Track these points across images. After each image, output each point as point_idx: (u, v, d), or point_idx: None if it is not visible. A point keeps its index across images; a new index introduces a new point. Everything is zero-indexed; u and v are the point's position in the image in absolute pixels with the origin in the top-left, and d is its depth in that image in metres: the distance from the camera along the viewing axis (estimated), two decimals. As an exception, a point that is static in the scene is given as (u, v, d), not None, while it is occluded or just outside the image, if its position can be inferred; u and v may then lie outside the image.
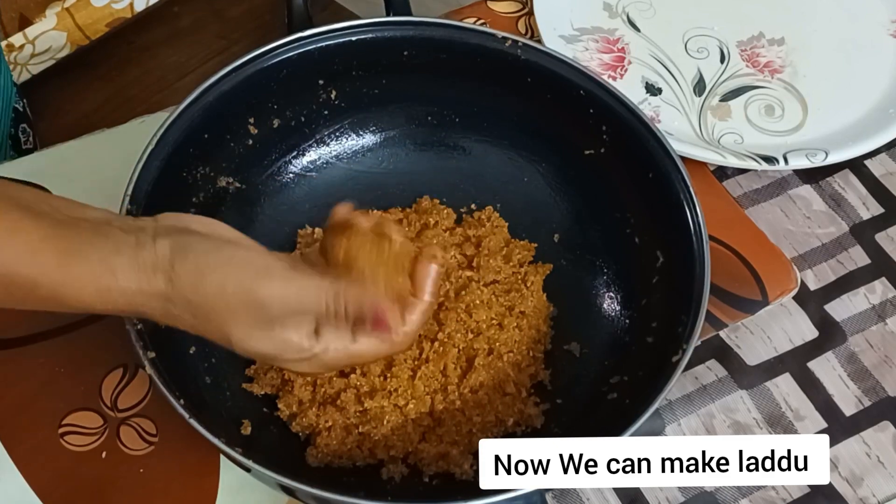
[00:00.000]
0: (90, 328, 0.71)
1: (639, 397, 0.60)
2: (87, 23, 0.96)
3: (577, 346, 0.71)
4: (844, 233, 0.80)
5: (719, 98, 0.86)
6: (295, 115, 0.74)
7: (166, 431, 0.68)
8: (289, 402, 0.66)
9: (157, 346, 0.59)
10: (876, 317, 0.76)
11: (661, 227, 0.69)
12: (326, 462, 0.65)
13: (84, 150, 0.80)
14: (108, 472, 0.66)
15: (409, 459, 0.66)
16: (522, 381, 0.68)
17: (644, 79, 0.87)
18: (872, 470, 0.69)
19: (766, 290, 0.75)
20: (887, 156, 0.84)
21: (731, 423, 0.71)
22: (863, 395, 0.72)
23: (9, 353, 0.70)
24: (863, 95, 0.86)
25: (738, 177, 0.82)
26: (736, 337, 0.74)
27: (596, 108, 0.71)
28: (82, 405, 0.69)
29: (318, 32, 0.71)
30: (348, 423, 0.65)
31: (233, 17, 1.07)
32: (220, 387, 0.66)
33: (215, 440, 0.56)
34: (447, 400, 0.66)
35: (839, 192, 0.82)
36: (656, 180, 0.68)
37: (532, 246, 0.74)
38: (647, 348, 0.67)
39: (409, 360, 0.66)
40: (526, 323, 0.70)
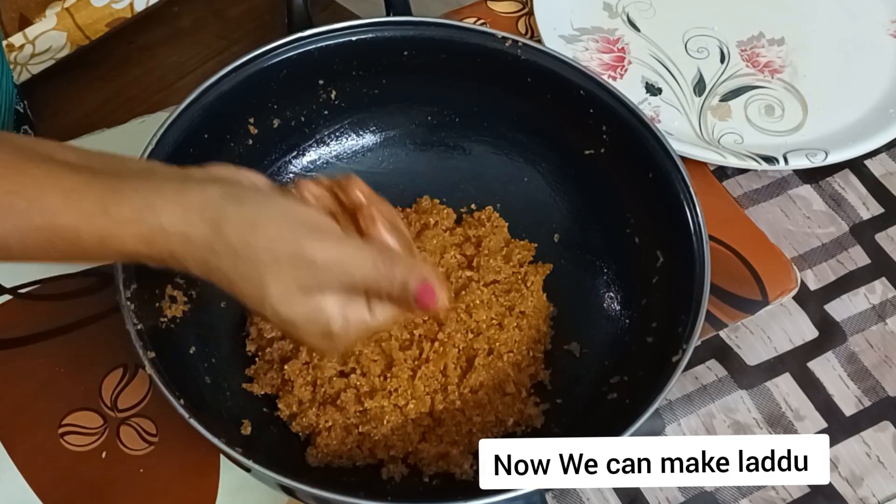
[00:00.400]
0: (90, 328, 0.71)
1: (639, 397, 0.60)
2: (87, 23, 0.96)
3: (577, 346, 0.71)
4: (844, 233, 0.80)
5: (719, 98, 0.86)
6: (295, 115, 0.74)
7: (166, 431, 0.68)
8: (289, 402, 0.66)
9: (157, 346, 0.59)
10: (876, 317, 0.76)
11: (661, 227, 0.69)
12: (326, 462, 0.65)
13: (84, 150, 0.80)
14: (108, 472, 0.66)
15: (409, 459, 0.66)
16: (522, 381, 0.68)
17: (644, 79, 0.87)
18: (872, 470, 0.69)
19: (766, 290, 0.75)
20: (887, 156, 0.84)
21: (731, 423, 0.71)
22: (863, 395, 0.72)
23: (9, 353, 0.70)
24: (863, 95, 0.86)
25: (738, 177, 0.82)
26: (736, 337, 0.74)
27: (596, 108, 0.71)
28: (82, 405, 0.69)
29: (318, 32, 0.71)
30: (348, 423, 0.65)
31: (233, 17, 1.07)
32: (220, 387, 0.66)
33: (215, 440, 0.56)
34: (447, 400, 0.66)
35: (839, 192, 0.82)
36: (656, 180, 0.68)
37: (532, 246, 0.74)
38: (647, 348, 0.67)
39: (409, 360, 0.66)
40: (526, 323, 0.70)
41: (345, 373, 0.66)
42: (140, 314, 0.60)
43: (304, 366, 0.66)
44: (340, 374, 0.66)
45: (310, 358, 0.66)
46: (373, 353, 0.66)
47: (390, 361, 0.66)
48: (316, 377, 0.66)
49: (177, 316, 0.65)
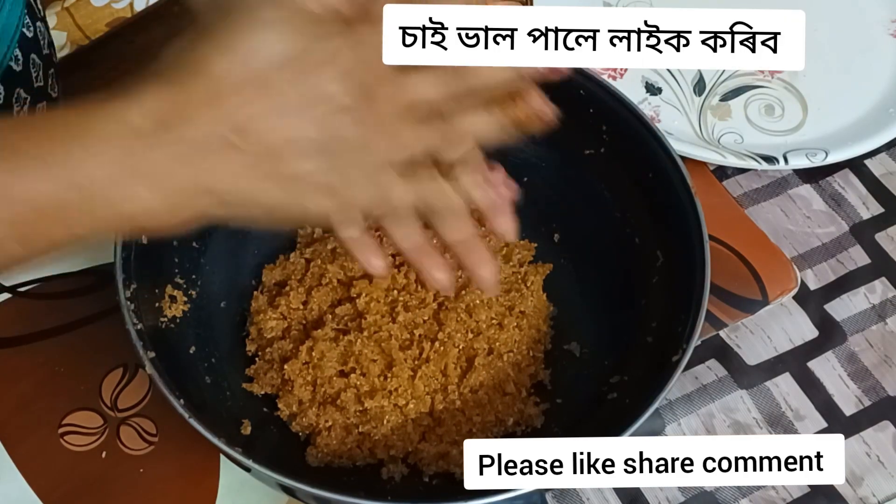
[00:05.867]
0: (90, 327, 0.71)
1: (639, 397, 0.60)
2: (87, 22, 0.96)
3: (577, 346, 0.71)
4: (844, 232, 0.80)
5: (719, 98, 0.86)
6: (295, 115, 0.74)
7: (166, 431, 0.68)
8: (289, 402, 0.66)
9: (157, 346, 0.59)
10: (876, 316, 0.76)
11: (661, 227, 0.69)
12: (326, 462, 0.65)
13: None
14: (108, 472, 0.66)
15: (409, 459, 0.66)
16: (522, 380, 0.68)
17: (644, 78, 0.87)
18: (872, 470, 0.69)
19: (766, 289, 0.75)
20: (887, 156, 0.84)
21: (731, 422, 0.71)
22: (863, 394, 0.72)
23: (8, 352, 0.70)
24: (863, 95, 0.86)
25: (738, 177, 0.82)
26: (736, 337, 0.74)
27: (596, 107, 0.71)
28: (82, 405, 0.69)
29: (318, 32, 0.70)
30: (348, 422, 0.65)
31: (233, 16, 1.07)
32: (220, 387, 0.66)
33: (215, 440, 0.56)
34: (447, 400, 0.66)
35: (839, 192, 0.82)
36: (656, 180, 0.68)
37: (532, 246, 0.74)
38: (647, 348, 0.67)
39: (409, 360, 0.66)
40: (526, 323, 0.70)
41: (345, 373, 0.66)
42: (140, 314, 0.60)
43: (304, 366, 0.66)
44: (340, 374, 0.66)
45: (309, 358, 0.66)
46: (373, 352, 0.66)
47: (390, 361, 0.66)
48: (316, 377, 0.66)
49: (177, 316, 0.65)
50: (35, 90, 0.81)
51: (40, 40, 0.81)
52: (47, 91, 0.83)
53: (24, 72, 0.78)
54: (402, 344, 0.67)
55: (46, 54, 0.82)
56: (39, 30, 0.81)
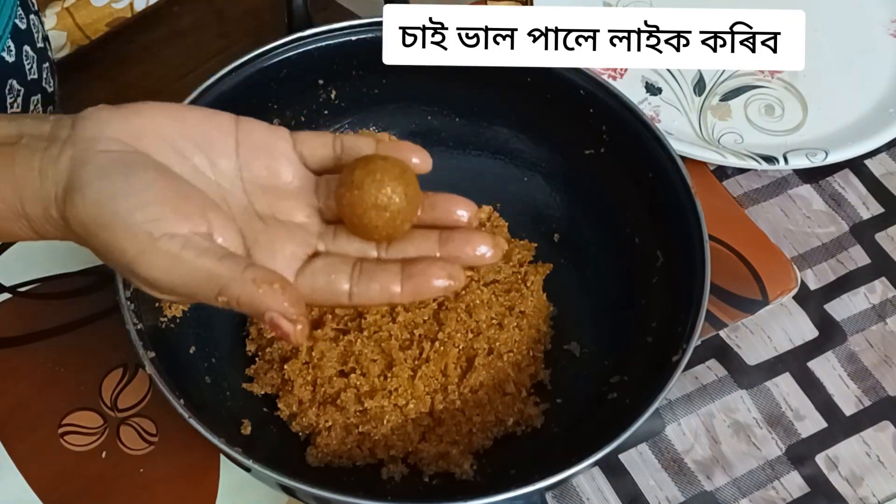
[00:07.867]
0: (90, 327, 0.71)
1: (639, 397, 0.60)
2: (87, 22, 0.96)
3: (577, 346, 0.71)
4: (844, 232, 0.80)
5: (719, 98, 0.86)
6: (295, 115, 0.74)
7: (166, 431, 0.68)
8: (289, 402, 0.66)
9: (157, 346, 0.59)
10: (876, 316, 0.76)
11: (661, 226, 0.69)
12: (326, 462, 0.65)
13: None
14: (108, 472, 0.66)
15: (409, 459, 0.66)
16: (522, 380, 0.68)
17: (644, 78, 0.87)
18: (872, 470, 0.69)
19: (766, 289, 0.75)
20: (887, 156, 0.84)
21: (731, 422, 0.71)
22: (863, 394, 0.72)
23: (8, 351, 0.70)
24: (863, 95, 0.86)
25: (738, 176, 0.82)
26: (736, 337, 0.74)
27: (596, 107, 0.71)
28: (82, 405, 0.69)
29: (318, 32, 0.71)
30: (348, 422, 0.65)
31: (233, 17, 1.07)
32: (220, 387, 0.66)
33: (215, 440, 0.56)
34: (447, 400, 0.66)
35: (839, 192, 0.82)
36: (656, 180, 0.68)
37: (532, 246, 0.74)
38: (647, 348, 0.67)
39: (409, 359, 0.66)
40: (526, 323, 0.70)
41: (345, 372, 0.66)
42: (140, 314, 0.60)
43: (304, 366, 0.66)
44: (340, 374, 0.66)
45: (309, 358, 0.66)
46: (373, 352, 0.66)
47: (390, 361, 0.66)
48: (316, 377, 0.66)
49: (177, 316, 0.65)
50: (29, 82, 0.81)
51: (34, 33, 0.81)
52: (42, 84, 0.83)
53: (16, 63, 0.78)
54: (402, 344, 0.67)
55: (41, 48, 0.82)
56: (33, 22, 0.81)
